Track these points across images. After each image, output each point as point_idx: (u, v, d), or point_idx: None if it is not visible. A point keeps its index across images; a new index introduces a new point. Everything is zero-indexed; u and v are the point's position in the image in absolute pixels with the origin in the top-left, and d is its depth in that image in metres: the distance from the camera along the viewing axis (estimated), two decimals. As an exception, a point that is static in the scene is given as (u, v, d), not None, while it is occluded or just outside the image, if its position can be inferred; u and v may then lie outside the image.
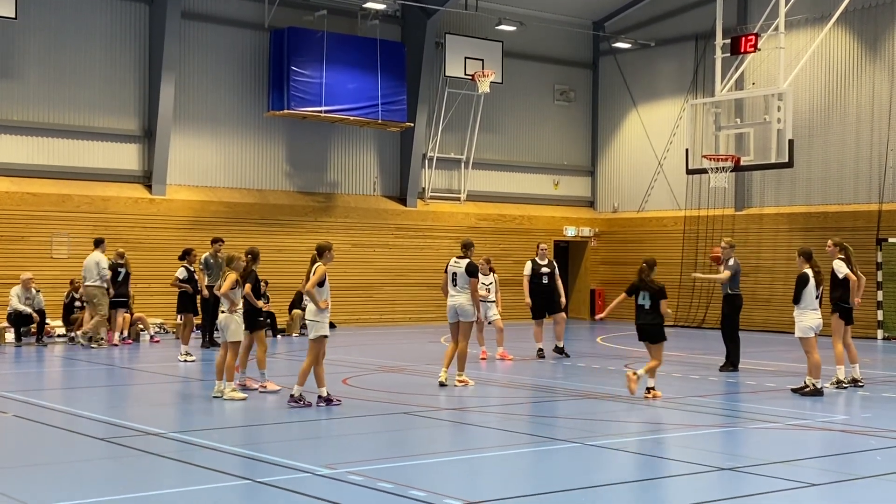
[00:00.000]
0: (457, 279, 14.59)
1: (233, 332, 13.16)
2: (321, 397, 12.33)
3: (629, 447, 10.18)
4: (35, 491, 7.98)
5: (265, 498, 7.95)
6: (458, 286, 14.56)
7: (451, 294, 14.63)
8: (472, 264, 14.63)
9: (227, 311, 13.19)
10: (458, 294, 14.54)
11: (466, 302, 14.49)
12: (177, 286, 19.24)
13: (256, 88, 26.29)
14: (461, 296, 14.51)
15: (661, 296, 13.30)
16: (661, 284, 13.44)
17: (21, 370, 17.42)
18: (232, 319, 13.17)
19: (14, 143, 23.21)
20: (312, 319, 12.40)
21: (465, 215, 29.46)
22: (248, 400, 12.91)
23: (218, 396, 13.01)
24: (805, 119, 26.34)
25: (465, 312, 14.51)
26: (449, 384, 14.38)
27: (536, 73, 31.10)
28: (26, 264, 21.93)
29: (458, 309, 14.52)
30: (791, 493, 8.22)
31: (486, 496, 7.91)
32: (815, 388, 13.75)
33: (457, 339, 14.63)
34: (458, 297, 14.53)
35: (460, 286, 14.54)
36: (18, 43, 23.15)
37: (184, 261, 19.28)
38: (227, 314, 13.19)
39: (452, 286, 14.62)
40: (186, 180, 25.35)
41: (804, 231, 26.19)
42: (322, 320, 12.34)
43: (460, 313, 14.53)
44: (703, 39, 28.48)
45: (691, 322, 28.28)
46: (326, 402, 12.28)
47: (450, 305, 14.65)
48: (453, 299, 14.57)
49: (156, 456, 9.43)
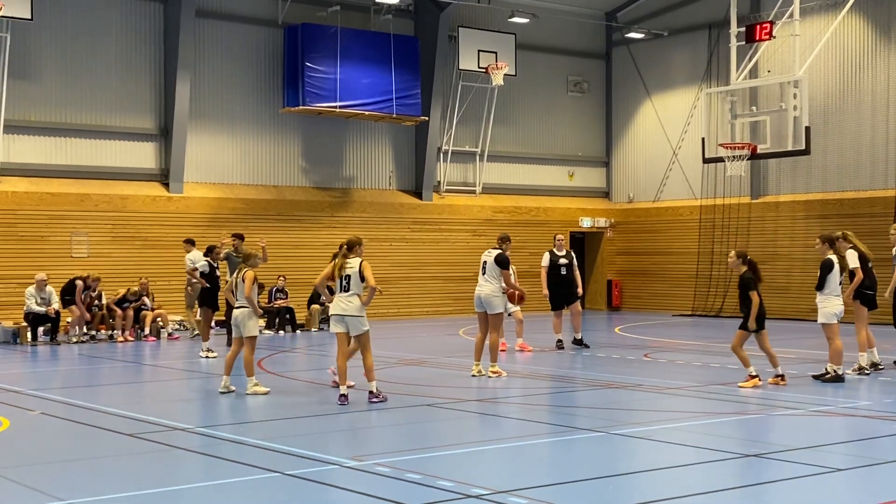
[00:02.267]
0: (486, 268, 14.84)
1: (249, 328, 13.23)
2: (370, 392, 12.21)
3: (653, 436, 10.22)
4: (64, 486, 8.07)
5: (296, 490, 8.02)
6: (487, 275, 14.81)
7: (479, 283, 14.84)
8: (502, 255, 14.84)
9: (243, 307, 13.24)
10: (486, 283, 14.78)
11: (492, 293, 14.69)
12: (192, 275, 19.16)
13: (271, 85, 26.37)
14: (488, 285, 14.73)
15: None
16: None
17: (42, 369, 17.55)
18: (248, 315, 13.24)
19: (32, 144, 23.35)
20: (360, 315, 12.19)
21: (481, 208, 29.50)
22: (267, 395, 12.93)
23: (225, 392, 13.03)
24: (820, 106, 26.27)
25: (490, 304, 14.70)
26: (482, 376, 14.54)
27: (550, 64, 31.09)
28: (46, 264, 22.09)
29: (484, 300, 14.73)
30: (818, 478, 8.26)
31: (513, 485, 7.97)
32: (837, 375, 13.76)
33: (484, 329, 14.80)
34: (485, 287, 14.77)
35: (489, 275, 14.77)
36: (35, 44, 23.28)
37: (208, 256, 19.24)
38: (243, 310, 13.25)
39: (482, 275, 14.87)
40: (203, 178, 25.46)
41: (821, 218, 26.14)
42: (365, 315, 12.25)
43: (486, 304, 14.72)
44: (717, 28, 28.42)
45: (709, 311, 28.26)
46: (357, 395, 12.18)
47: (476, 294, 14.86)
48: (480, 288, 14.81)
49: (183, 451, 9.51)
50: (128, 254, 23.70)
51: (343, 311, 12.14)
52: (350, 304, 12.11)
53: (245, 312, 13.22)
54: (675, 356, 17.68)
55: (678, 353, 18.20)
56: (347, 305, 12.11)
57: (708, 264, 28.78)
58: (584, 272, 30.28)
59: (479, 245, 25.50)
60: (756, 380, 13.28)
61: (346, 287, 12.16)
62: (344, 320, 12.15)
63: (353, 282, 12.13)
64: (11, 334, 20.84)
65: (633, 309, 30.89)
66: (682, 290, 29.51)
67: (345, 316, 12.13)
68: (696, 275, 29.09)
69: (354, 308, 12.11)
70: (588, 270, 31.65)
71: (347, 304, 12.12)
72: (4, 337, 20.84)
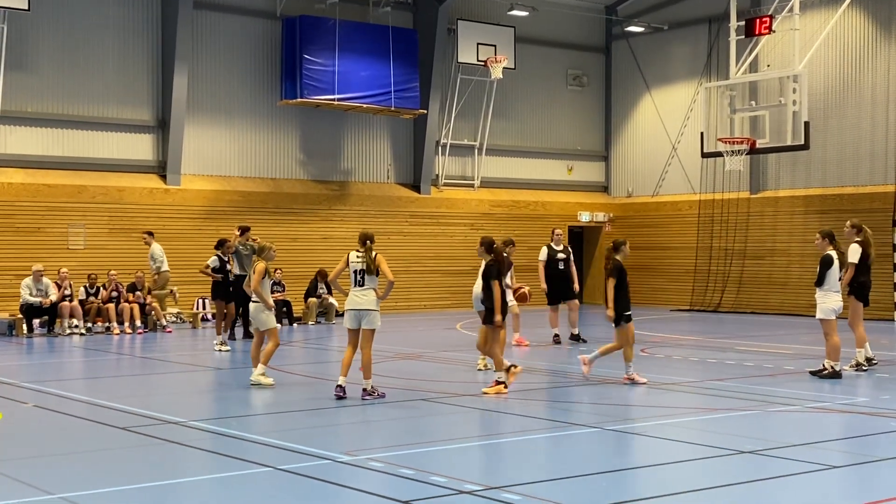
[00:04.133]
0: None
1: (262, 321, 13.23)
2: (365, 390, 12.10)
3: (649, 431, 10.17)
4: (56, 480, 8.01)
5: (287, 485, 7.96)
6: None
7: (477, 283, 14.71)
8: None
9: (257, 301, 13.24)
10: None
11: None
12: (206, 274, 19.14)
13: (269, 77, 26.29)
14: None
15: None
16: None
17: (37, 361, 17.50)
18: (263, 308, 13.23)
19: (29, 135, 23.28)
20: (375, 309, 12.09)
21: (479, 202, 29.44)
22: (266, 389, 12.89)
23: (256, 384, 13.03)
24: (820, 101, 26.20)
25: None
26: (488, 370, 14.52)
27: (549, 58, 31.00)
28: (43, 255, 22.05)
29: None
30: (813, 475, 8.20)
31: (506, 481, 7.92)
32: (834, 371, 13.71)
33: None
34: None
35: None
36: (32, 35, 23.19)
37: (218, 250, 19.15)
38: (257, 304, 13.24)
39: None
40: (201, 170, 25.39)
41: (820, 213, 26.08)
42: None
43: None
44: (717, 22, 28.34)
45: (707, 306, 28.21)
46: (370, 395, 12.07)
47: (475, 293, 14.74)
48: (478, 288, 14.64)
49: (177, 444, 9.46)
50: (124, 246, 23.62)
51: (357, 305, 12.08)
52: (365, 297, 12.06)
53: (258, 306, 13.23)
54: (673, 351, 17.63)
55: (676, 349, 18.16)
56: (362, 299, 12.06)
57: (706, 259, 28.72)
58: (582, 267, 30.34)
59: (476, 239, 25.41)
60: (502, 386, 12.54)
61: (361, 282, 12.11)
62: (358, 314, 12.09)
63: (367, 276, 12.08)
64: (7, 326, 20.78)
65: (631, 303, 30.74)
66: (680, 285, 29.46)
67: (359, 310, 12.07)
68: (695, 270, 29.03)
69: (369, 302, 12.06)
70: (586, 265, 31.61)
71: (362, 297, 12.07)
72: (0, 328, 20.79)
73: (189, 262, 23.68)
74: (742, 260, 27.93)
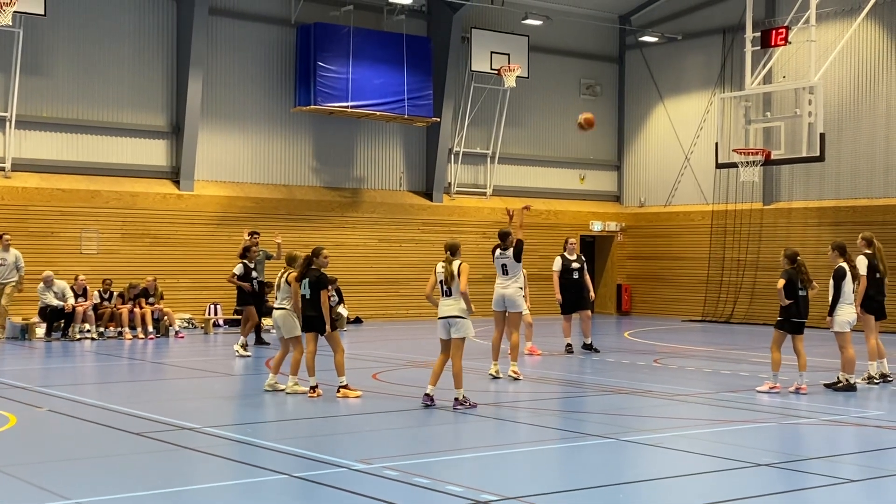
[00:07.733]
0: (507, 269, 14.90)
1: (288, 329, 13.28)
2: (457, 400, 12.01)
3: (663, 443, 10.12)
4: (70, 485, 8.01)
5: (302, 493, 7.95)
6: (510, 275, 14.90)
7: (500, 283, 14.90)
8: (518, 250, 14.78)
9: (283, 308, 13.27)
10: (510, 284, 14.88)
11: (516, 293, 14.88)
12: (233, 282, 19.10)
13: (283, 84, 26.33)
14: (513, 286, 14.84)
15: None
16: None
17: (53, 365, 17.52)
18: (288, 316, 13.24)
19: (43, 139, 23.35)
20: (463, 318, 12.08)
21: (492, 210, 29.41)
22: (280, 396, 12.89)
23: (282, 390, 13.05)
24: (834, 112, 26.12)
25: (513, 303, 14.90)
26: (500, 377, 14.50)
27: (562, 67, 31.00)
28: (56, 260, 22.10)
29: (508, 299, 14.88)
30: (830, 489, 8.16)
31: (522, 492, 7.89)
32: (849, 384, 13.65)
33: (500, 328, 14.94)
34: (510, 287, 14.88)
35: (511, 275, 14.88)
36: (47, 40, 23.28)
37: (244, 258, 19.07)
38: (283, 311, 13.25)
39: (503, 276, 14.92)
40: (214, 176, 25.42)
41: (833, 225, 25.99)
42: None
43: (508, 304, 14.89)
44: (731, 33, 28.30)
45: (719, 317, 28.13)
46: (463, 405, 11.96)
47: (499, 294, 14.93)
48: (505, 289, 14.91)
49: (190, 451, 9.45)
50: (137, 251, 23.67)
51: (445, 314, 12.16)
52: (452, 306, 12.11)
53: (283, 314, 13.27)
54: (686, 362, 17.57)
55: (688, 360, 18.09)
56: (450, 308, 12.12)
57: (719, 270, 28.64)
58: (594, 276, 30.22)
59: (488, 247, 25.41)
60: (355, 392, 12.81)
61: (448, 292, 12.17)
62: (448, 323, 12.12)
63: (453, 286, 12.13)
64: (20, 330, 20.83)
65: (642, 314, 30.77)
66: (692, 296, 29.38)
67: (449, 318, 12.11)
68: (707, 280, 28.96)
69: (457, 310, 12.09)
70: (598, 274, 31.54)
71: (450, 307, 12.13)
72: (13, 332, 20.83)
73: (201, 267, 23.74)
74: (754, 271, 27.84)
